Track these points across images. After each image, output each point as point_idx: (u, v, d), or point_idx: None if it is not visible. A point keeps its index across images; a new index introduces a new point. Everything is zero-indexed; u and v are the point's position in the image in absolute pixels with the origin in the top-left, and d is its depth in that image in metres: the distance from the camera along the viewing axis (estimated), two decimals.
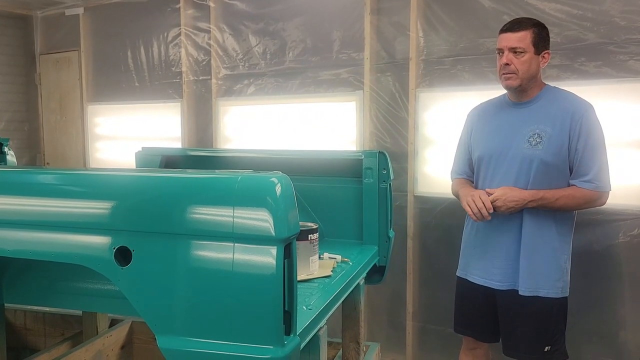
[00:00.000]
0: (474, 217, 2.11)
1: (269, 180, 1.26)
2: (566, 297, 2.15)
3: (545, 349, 2.12)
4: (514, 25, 2.10)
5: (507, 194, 2.05)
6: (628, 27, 2.63)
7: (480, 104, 2.37)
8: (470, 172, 2.33)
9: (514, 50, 2.07)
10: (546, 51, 2.12)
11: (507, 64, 2.08)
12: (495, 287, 2.18)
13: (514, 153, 2.11)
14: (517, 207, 2.06)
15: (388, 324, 3.38)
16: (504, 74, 2.11)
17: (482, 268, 2.23)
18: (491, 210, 2.07)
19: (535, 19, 2.16)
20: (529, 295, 2.10)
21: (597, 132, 2.06)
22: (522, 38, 2.07)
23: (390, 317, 3.37)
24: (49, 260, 1.38)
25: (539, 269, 2.09)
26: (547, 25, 2.16)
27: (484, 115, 2.30)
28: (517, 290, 2.12)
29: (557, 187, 2.07)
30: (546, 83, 2.19)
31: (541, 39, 2.10)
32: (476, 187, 2.25)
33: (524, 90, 2.14)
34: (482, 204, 2.07)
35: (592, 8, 2.70)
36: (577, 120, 2.04)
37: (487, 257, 2.20)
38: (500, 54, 2.11)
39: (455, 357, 2.47)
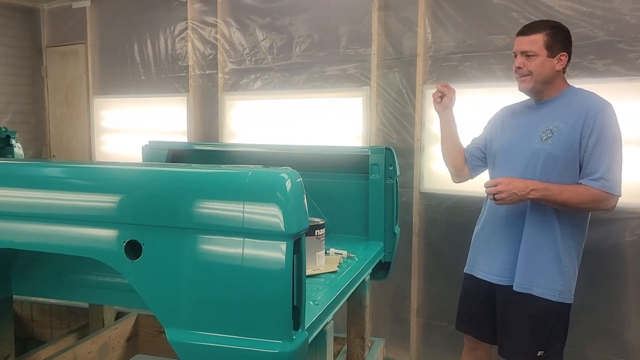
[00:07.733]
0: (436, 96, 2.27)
1: (279, 175, 1.26)
2: (568, 305, 2.08)
3: (539, 354, 2.07)
4: (527, 29, 2.09)
5: (511, 181, 2.02)
6: (638, 25, 2.61)
7: (512, 104, 2.34)
8: (477, 153, 2.36)
9: (525, 54, 2.06)
10: (562, 53, 2.07)
11: (520, 67, 2.08)
12: (495, 282, 2.17)
13: (525, 147, 2.11)
14: (519, 195, 2.01)
15: (392, 319, 3.39)
16: (517, 77, 2.12)
17: (484, 262, 2.23)
18: None
19: (553, 21, 2.13)
20: (522, 291, 2.07)
21: (611, 131, 2.01)
22: (533, 41, 2.05)
23: (394, 312, 3.38)
24: (60, 253, 1.39)
25: (535, 265, 2.06)
26: None
27: (509, 115, 2.29)
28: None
29: (565, 183, 2.05)
30: (570, 84, 2.15)
31: (556, 42, 2.05)
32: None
33: (539, 92, 2.11)
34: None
35: (601, 5, 2.68)
36: (591, 117, 2.00)
37: (490, 250, 2.20)
38: (515, 57, 2.12)
39: (459, 353, 2.47)
